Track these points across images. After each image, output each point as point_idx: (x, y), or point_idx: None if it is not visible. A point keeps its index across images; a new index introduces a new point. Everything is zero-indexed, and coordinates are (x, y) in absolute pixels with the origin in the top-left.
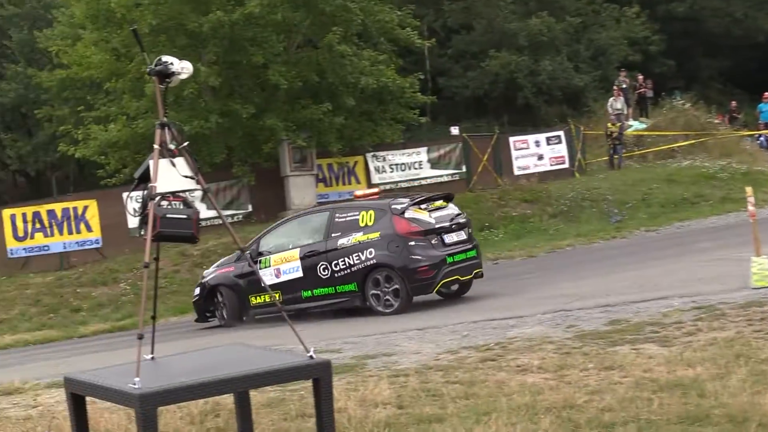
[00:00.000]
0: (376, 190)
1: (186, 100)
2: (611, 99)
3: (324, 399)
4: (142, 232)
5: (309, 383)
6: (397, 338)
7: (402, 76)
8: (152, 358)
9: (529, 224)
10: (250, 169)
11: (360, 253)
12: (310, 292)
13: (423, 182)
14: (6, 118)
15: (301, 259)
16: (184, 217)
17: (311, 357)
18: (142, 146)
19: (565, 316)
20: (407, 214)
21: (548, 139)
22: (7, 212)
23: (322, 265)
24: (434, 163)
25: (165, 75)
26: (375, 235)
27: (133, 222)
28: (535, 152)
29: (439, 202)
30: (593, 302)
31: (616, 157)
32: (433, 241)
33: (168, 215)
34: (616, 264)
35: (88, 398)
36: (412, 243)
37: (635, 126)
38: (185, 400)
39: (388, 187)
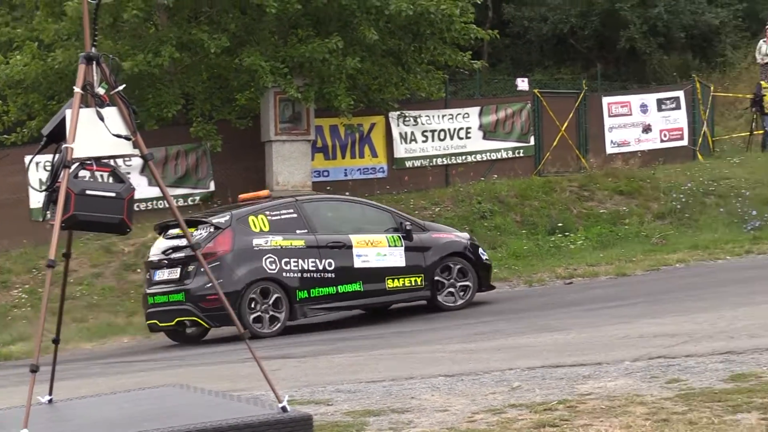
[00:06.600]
0: (266, 192)
1: (128, 23)
2: (762, 43)
3: None
4: (48, 216)
5: None
6: (415, 387)
7: (450, 0)
8: (50, 401)
9: (623, 228)
10: (216, 130)
11: None
12: None
13: (469, 158)
14: None
15: None
16: (112, 195)
17: (284, 409)
18: (59, 88)
19: (666, 366)
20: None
21: (660, 102)
22: None
23: None
24: (489, 132)
25: None
26: None
27: (37, 200)
28: (640, 121)
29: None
30: (709, 347)
31: (760, 132)
32: (147, 276)
33: (88, 192)
34: (749, 292)
35: None
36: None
37: None
38: None
39: (418, 163)
